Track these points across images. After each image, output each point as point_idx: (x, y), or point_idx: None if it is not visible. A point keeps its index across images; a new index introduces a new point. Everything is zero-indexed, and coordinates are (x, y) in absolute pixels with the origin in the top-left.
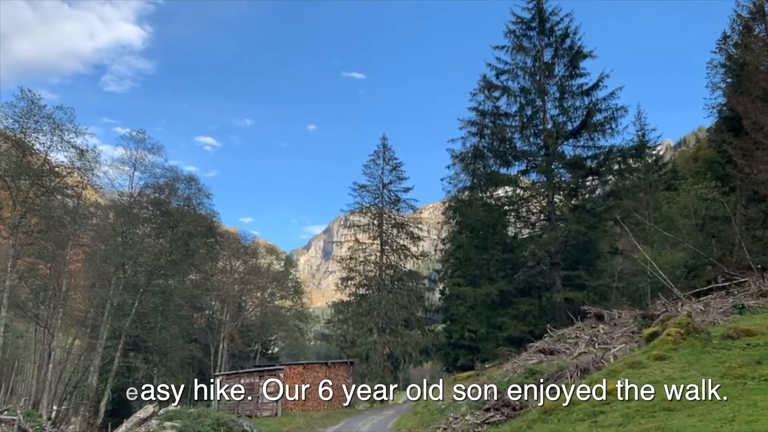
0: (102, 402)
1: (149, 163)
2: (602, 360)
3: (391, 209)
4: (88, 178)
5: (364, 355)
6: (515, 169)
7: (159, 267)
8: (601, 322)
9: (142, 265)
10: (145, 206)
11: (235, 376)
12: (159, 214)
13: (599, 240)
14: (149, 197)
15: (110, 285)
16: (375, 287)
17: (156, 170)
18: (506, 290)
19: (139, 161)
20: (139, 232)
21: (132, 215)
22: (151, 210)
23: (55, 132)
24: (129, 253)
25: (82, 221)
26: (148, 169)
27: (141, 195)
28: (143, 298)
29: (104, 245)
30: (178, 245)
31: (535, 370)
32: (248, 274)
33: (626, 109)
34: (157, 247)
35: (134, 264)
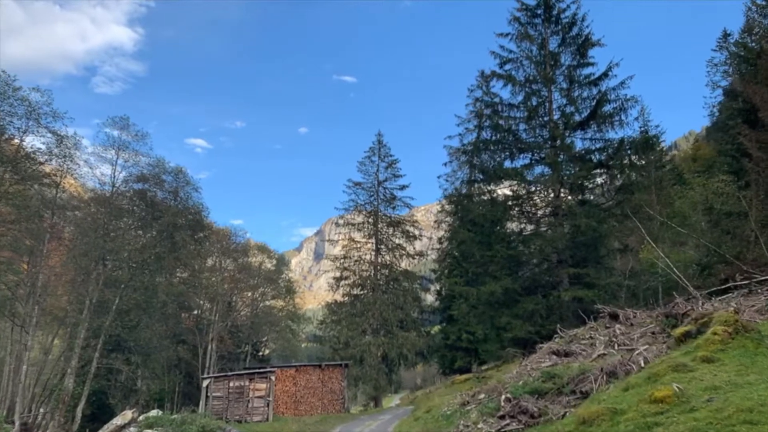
0: (79, 406)
1: (133, 151)
2: (629, 362)
3: (386, 207)
4: (68, 166)
5: (358, 357)
6: (520, 162)
7: (142, 261)
8: (616, 322)
9: (124, 259)
10: (128, 196)
11: (224, 378)
12: (143, 205)
13: (609, 236)
14: (132, 187)
15: (90, 280)
16: (369, 287)
17: (140, 159)
18: (511, 288)
19: (122, 149)
20: (121, 224)
21: (114, 206)
22: (134, 201)
23: (31, 116)
24: (110, 246)
25: (60, 213)
26: (132, 157)
27: (124, 184)
28: (124, 294)
29: (84, 238)
30: (162, 238)
31: (553, 373)
32: (239, 273)
33: (637, 100)
34: (140, 240)
35: (116, 258)
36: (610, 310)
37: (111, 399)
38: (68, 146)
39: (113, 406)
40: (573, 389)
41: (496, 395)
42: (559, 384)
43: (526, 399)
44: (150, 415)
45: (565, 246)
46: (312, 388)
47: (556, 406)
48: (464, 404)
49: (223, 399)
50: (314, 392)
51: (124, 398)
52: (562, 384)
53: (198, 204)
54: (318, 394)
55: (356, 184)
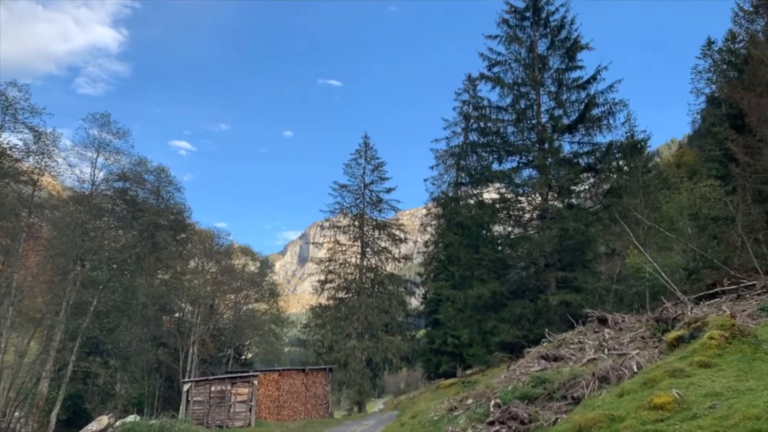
0: (53, 411)
1: (114, 149)
2: (621, 367)
3: (372, 210)
4: (46, 164)
5: (342, 362)
6: (508, 165)
7: (122, 261)
8: (605, 327)
9: (104, 259)
10: (108, 195)
11: (205, 382)
12: (123, 204)
13: (596, 240)
14: (113, 186)
15: (67, 281)
16: (355, 290)
17: (121, 157)
18: (499, 292)
19: (102, 146)
20: (100, 223)
21: (93, 205)
22: (114, 199)
23: (8, 111)
24: (88, 246)
25: (38, 211)
26: (113, 155)
27: (104, 183)
28: (103, 296)
29: (61, 237)
30: (143, 238)
31: (543, 378)
32: (221, 275)
33: (625, 104)
34: (120, 239)
35: (94, 258)
36: (599, 315)
37: (87, 404)
38: (46, 143)
39: (90, 411)
40: (564, 394)
41: (484, 401)
42: (549, 389)
43: (516, 404)
44: (127, 421)
45: (552, 249)
46: (295, 393)
47: (547, 411)
48: (452, 409)
49: (204, 403)
50: (298, 397)
51: (102, 403)
52: (552, 389)
53: (180, 204)
54: (302, 398)
55: (342, 187)
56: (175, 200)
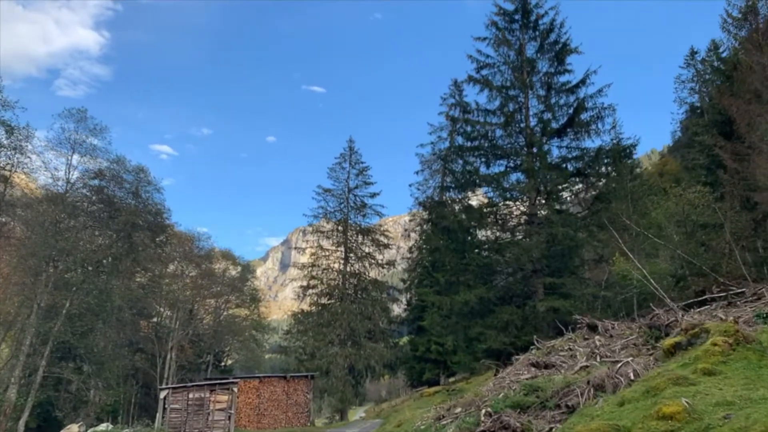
0: (21, 419)
1: (90, 146)
2: (617, 375)
3: (356, 215)
4: (18, 160)
5: (324, 369)
6: (495, 170)
7: (97, 262)
8: (594, 334)
9: (78, 260)
10: (84, 193)
11: (183, 389)
12: (99, 203)
13: (585, 246)
14: (88, 183)
15: (38, 282)
16: (337, 296)
17: (98, 154)
18: (486, 298)
19: (78, 143)
20: (75, 223)
21: (68, 203)
22: (90, 197)
23: None
24: (61, 246)
25: (9, 210)
26: (89, 152)
27: (79, 181)
28: (76, 298)
29: (33, 236)
30: (119, 238)
31: (536, 386)
32: (201, 279)
33: (614, 108)
34: (95, 239)
35: (68, 259)
36: (589, 321)
37: (58, 411)
38: (19, 138)
39: (61, 419)
40: (558, 403)
41: (474, 409)
42: (542, 397)
43: (507, 414)
44: (98, 429)
45: (540, 255)
46: (276, 401)
47: (540, 421)
48: (439, 419)
49: (181, 411)
50: (278, 405)
51: (74, 410)
52: (545, 397)
53: (159, 204)
54: (282, 406)
55: (326, 191)
56: (154, 201)
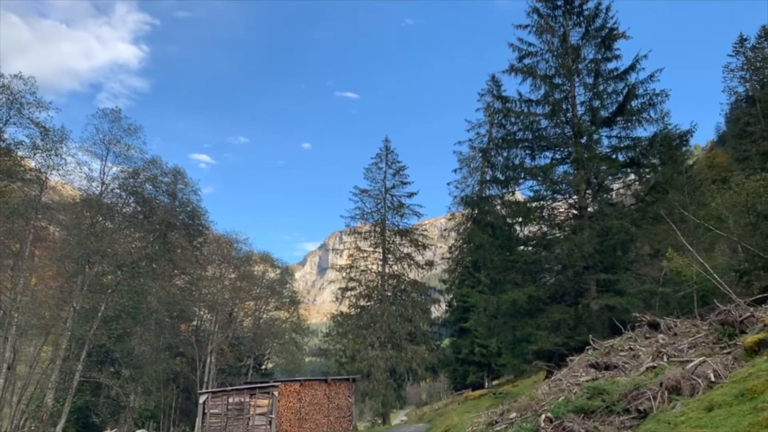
0: (59, 425)
1: (125, 146)
2: (693, 376)
3: (394, 215)
4: (53, 162)
5: (365, 372)
6: (541, 162)
7: (132, 263)
8: (656, 332)
9: (112, 260)
10: (119, 194)
11: (223, 394)
12: (134, 203)
13: (641, 239)
14: (123, 184)
15: (74, 284)
16: (377, 298)
17: (133, 154)
18: (535, 296)
19: (112, 144)
20: (110, 224)
21: (102, 204)
22: (124, 198)
23: (13, 105)
24: (95, 246)
25: (45, 212)
26: (123, 152)
27: (114, 181)
28: (111, 300)
29: (68, 238)
30: (155, 238)
31: (601, 388)
32: (240, 282)
33: (667, 94)
34: (130, 240)
35: (103, 260)
36: (650, 319)
37: (95, 417)
38: (54, 140)
39: (100, 425)
40: (626, 407)
41: (530, 414)
42: (608, 401)
43: (570, 419)
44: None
45: (593, 250)
46: (318, 404)
47: (607, 427)
48: (491, 424)
49: (221, 416)
50: (320, 408)
51: (112, 415)
52: (612, 401)
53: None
54: (324, 410)
55: (363, 192)
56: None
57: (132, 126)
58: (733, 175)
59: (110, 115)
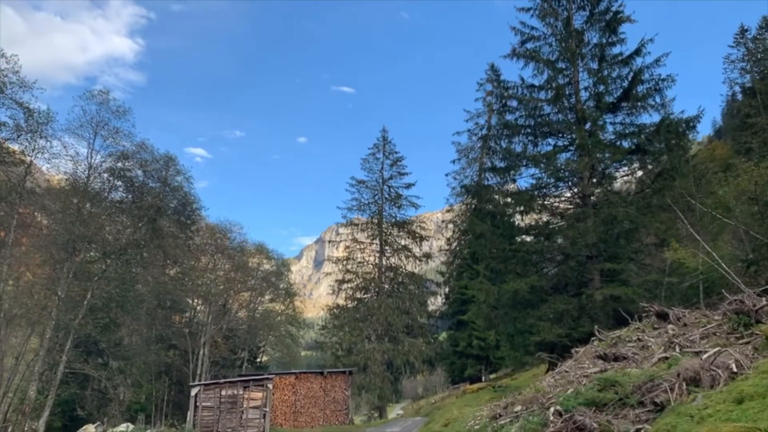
0: (41, 418)
1: (113, 129)
2: (712, 367)
3: (391, 207)
4: (37, 144)
5: (362, 365)
6: (543, 149)
7: (119, 249)
8: (665, 323)
9: (99, 245)
10: (106, 178)
11: (215, 386)
12: (122, 187)
13: (647, 228)
14: (112, 167)
15: (60, 271)
16: (374, 290)
17: (121, 138)
18: (538, 286)
19: (100, 126)
20: (96, 209)
21: (89, 189)
22: (112, 182)
23: None
24: (80, 232)
25: (30, 197)
26: (111, 135)
27: (102, 165)
28: (97, 288)
29: (53, 223)
30: (143, 223)
31: (612, 380)
32: (234, 272)
33: (673, 79)
34: (120, 227)
35: (89, 246)
36: (658, 309)
37: (80, 410)
38: (39, 121)
39: (87, 418)
40: (641, 400)
41: (537, 407)
42: (621, 393)
43: (581, 412)
44: (117, 430)
45: (597, 239)
46: (313, 398)
47: (621, 421)
48: (494, 417)
49: (213, 409)
50: (316, 402)
51: (99, 409)
52: (625, 393)
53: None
54: (320, 404)
55: (360, 182)
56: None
57: (120, 108)
58: (740, 161)
59: (98, 97)
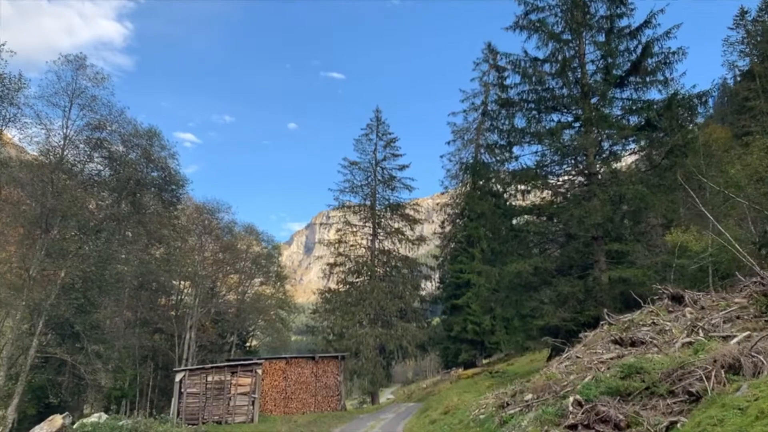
0: (10, 406)
1: (90, 97)
2: (752, 352)
3: (384, 189)
4: (9, 113)
5: (353, 350)
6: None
7: (95, 224)
8: (680, 306)
9: (71, 220)
10: (83, 149)
11: (201, 372)
12: (100, 159)
13: (657, 207)
14: (89, 137)
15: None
16: (366, 274)
17: (99, 107)
18: (542, 268)
19: (76, 94)
20: (71, 182)
21: (64, 160)
22: (89, 153)
23: None
24: (52, 204)
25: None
26: (89, 103)
27: (78, 135)
28: (71, 266)
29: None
30: (121, 196)
31: (638, 366)
32: (222, 253)
33: (684, 52)
34: (94, 199)
35: (62, 221)
36: (673, 292)
37: (53, 397)
38: (9, 87)
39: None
40: (671, 389)
41: (551, 396)
42: (648, 381)
43: (604, 402)
44: (88, 422)
45: (603, 219)
46: (304, 383)
47: (650, 412)
48: (502, 407)
49: (199, 396)
50: (307, 387)
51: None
52: (652, 381)
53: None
54: (311, 389)
55: (352, 164)
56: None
57: (99, 74)
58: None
59: (74, 62)
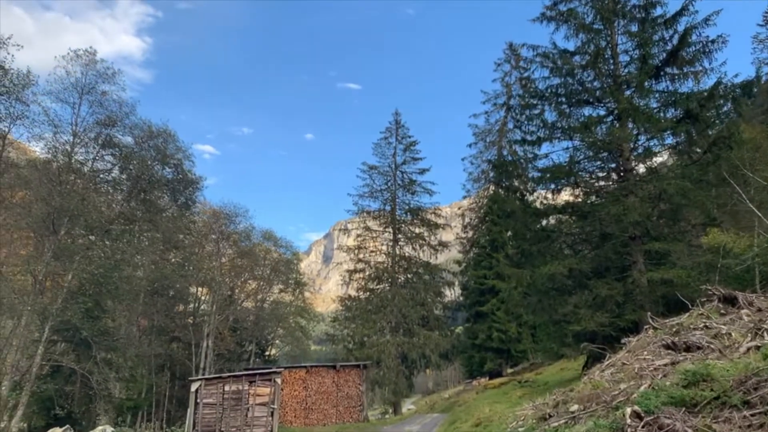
0: (15, 417)
1: (100, 93)
2: None
3: (404, 193)
4: (16, 110)
5: (375, 359)
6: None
7: (104, 224)
8: (734, 308)
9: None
10: (93, 147)
11: (218, 381)
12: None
13: (700, 204)
14: (98, 135)
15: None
16: (386, 281)
17: (110, 103)
18: (577, 270)
19: (86, 90)
20: (81, 182)
21: (72, 160)
22: (98, 151)
23: None
24: (58, 203)
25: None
26: (99, 99)
27: (87, 133)
28: (77, 268)
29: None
30: (131, 195)
31: (704, 374)
32: (240, 259)
33: (725, 40)
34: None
35: (70, 221)
36: (725, 293)
37: (59, 409)
38: (15, 83)
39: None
40: (747, 399)
41: (601, 408)
42: (717, 390)
43: (668, 414)
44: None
45: (641, 217)
46: (325, 393)
47: (724, 425)
48: (543, 418)
49: (216, 407)
50: (328, 398)
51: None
52: (722, 390)
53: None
54: (332, 399)
55: (372, 168)
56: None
57: (109, 69)
58: None
59: (84, 57)
